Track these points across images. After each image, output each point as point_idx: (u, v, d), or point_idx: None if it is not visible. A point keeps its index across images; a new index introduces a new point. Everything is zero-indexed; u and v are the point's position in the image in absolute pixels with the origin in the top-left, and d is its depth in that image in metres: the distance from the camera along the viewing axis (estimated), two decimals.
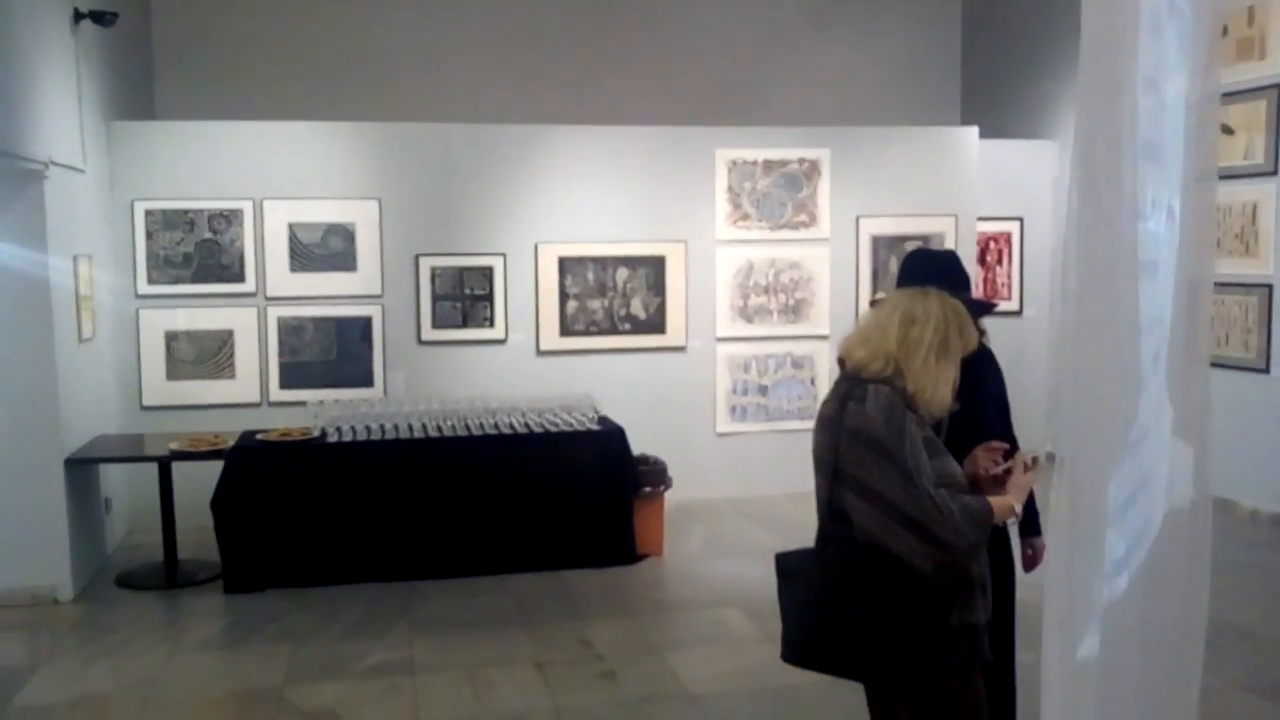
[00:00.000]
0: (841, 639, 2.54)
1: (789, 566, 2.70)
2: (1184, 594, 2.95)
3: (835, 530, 2.62)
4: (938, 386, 2.61)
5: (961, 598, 2.54)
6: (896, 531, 2.48)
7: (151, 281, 7.19)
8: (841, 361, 2.74)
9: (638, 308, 7.82)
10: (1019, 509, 2.59)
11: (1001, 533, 3.06)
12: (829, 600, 2.55)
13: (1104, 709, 2.29)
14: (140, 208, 7.16)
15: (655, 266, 7.82)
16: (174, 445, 6.16)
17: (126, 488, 7.02)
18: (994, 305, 3.98)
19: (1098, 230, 2.19)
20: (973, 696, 2.58)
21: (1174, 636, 2.91)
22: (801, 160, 8.03)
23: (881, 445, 2.50)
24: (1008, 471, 2.72)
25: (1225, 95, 7.29)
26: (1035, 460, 2.82)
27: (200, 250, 7.24)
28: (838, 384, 2.70)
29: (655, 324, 7.86)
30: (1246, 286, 7.24)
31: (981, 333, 3.21)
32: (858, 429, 2.54)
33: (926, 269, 3.02)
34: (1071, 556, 2.16)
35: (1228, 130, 7.29)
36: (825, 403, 2.68)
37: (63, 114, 6.19)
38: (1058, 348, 2.36)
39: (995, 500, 2.55)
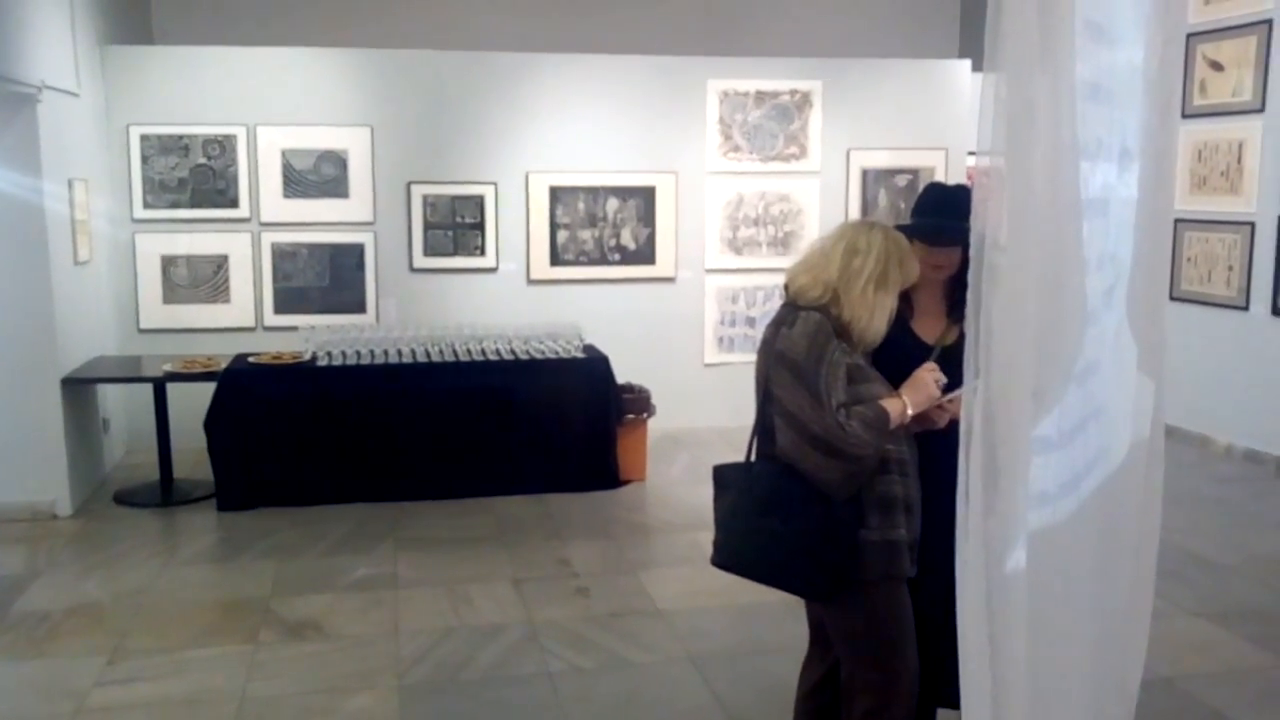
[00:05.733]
0: (761, 548, 2.70)
1: (723, 478, 2.86)
2: (1139, 519, 3.08)
3: (763, 446, 2.78)
4: (873, 316, 2.73)
5: (881, 514, 2.68)
6: (804, 449, 2.62)
7: (147, 206, 7.29)
8: (786, 288, 2.86)
9: (628, 238, 7.90)
10: (912, 409, 2.68)
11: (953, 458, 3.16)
12: (751, 511, 2.70)
13: (1050, 625, 2.41)
14: (135, 132, 7.24)
15: (646, 197, 7.89)
16: (168, 367, 6.31)
17: (125, 409, 7.20)
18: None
19: (1024, 169, 2.25)
20: (892, 607, 2.72)
21: (1130, 559, 3.04)
22: (793, 92, 8.05)
23: (799, 368, 2.63)
24: (951, 401, 2.82)
25: (1215, 32, 7.29)
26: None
27: (195, 175, 7.33)
28: (779, 309, 2.82)
29: (645, 255, 7.95)
30: (1231, 224, 7.29)
31: None
32: (782, 352, 2.68)
33: (942, 204, 3.10)
34: (987, 478, 2.26)
35: (1217, 67, 7.28)
36: (766, 327, 2.81)
37: (56, 37, 6.25)
38: (973, 283, 2.40)
39: (887, 402, 2.66)
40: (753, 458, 2.84)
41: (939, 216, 3.02)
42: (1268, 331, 7.05)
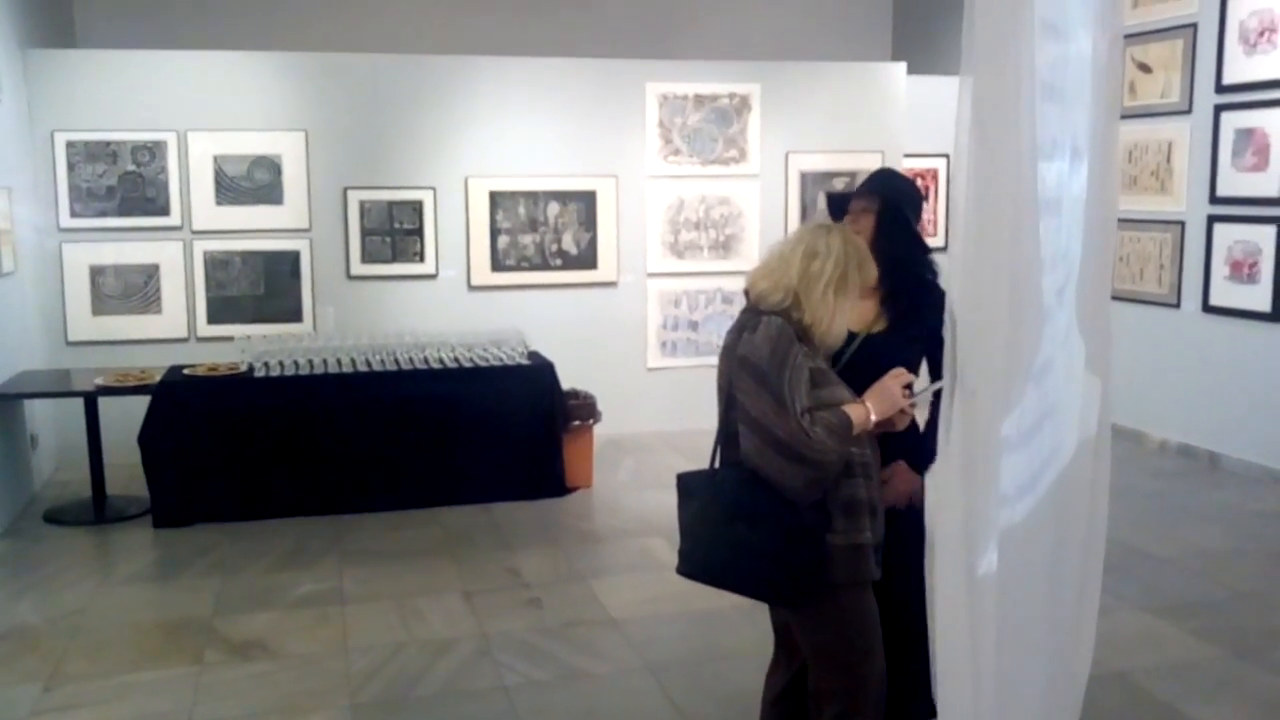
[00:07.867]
0: (727, 555, 2.67)
1: (688, 486, 2.83)
2: (1089, 516, 3.12)
3: (728, 453, 2.75)
4: (834, 319, 2.72)
5: (847, 518, 2.67)
6: (768, 454, 2.60)
7: (74, 215, 7.08)
8: (747, 293, 2.84)
9: (569, 243, 7.85)
10: (875, 415, 2.69)
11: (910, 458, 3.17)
12: (717, 518, 2.68)
13: (1008, 626, 2.42)
14: (61, 139, 7.02)
15: (587, 201, 7.84)
16: (100, 380, 6.11)
17: (54, 424, 6.98)
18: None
19: (994, 169, 2.26)
20: (859, 612, 2.72)
21: (1080, 556, 3.07)
22: (732, 95, 8.06)
23: (763, 373, 2.61)
24: (913, 406, 2.83)
25: (1143, 34, 7.43)
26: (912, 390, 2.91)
27: (124, 183, 7.13)
28: (740, 315, 2.80)
29: (587, 259, 7.90)
30: (1161, 223, 7.44)
31: (933, 273, 3.30)
32: (745, 357, 2.66)
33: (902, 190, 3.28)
34: (965, 481, 2.26)
35: (1145, 69, 7.44)
36: (728, 333, 2.79)
37: None
38: (950, 283, 2.45)
39: (850, 408, 2.66)
40: (717, 464, 2.81)
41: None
42: (1199, 328, 7.21)
